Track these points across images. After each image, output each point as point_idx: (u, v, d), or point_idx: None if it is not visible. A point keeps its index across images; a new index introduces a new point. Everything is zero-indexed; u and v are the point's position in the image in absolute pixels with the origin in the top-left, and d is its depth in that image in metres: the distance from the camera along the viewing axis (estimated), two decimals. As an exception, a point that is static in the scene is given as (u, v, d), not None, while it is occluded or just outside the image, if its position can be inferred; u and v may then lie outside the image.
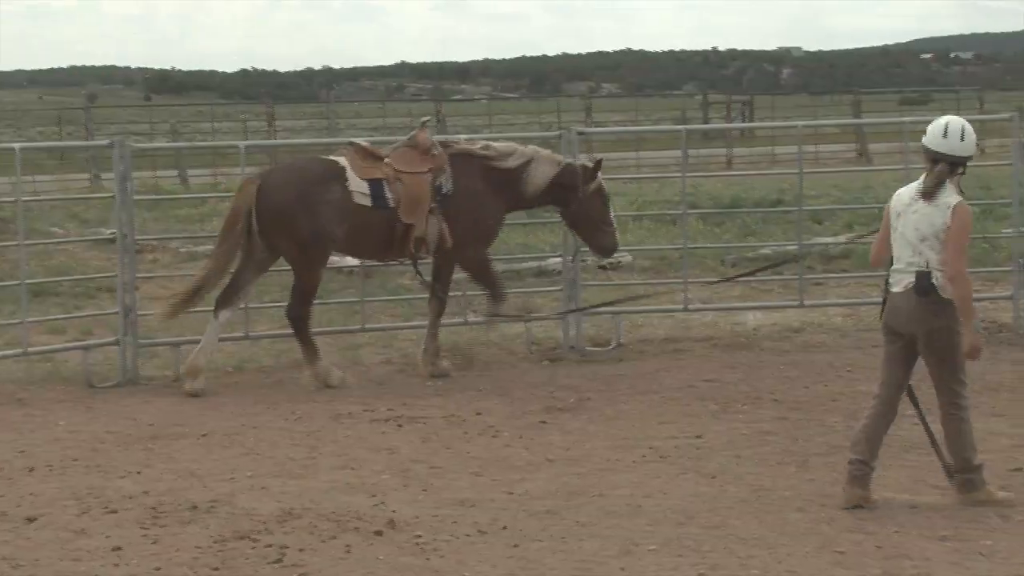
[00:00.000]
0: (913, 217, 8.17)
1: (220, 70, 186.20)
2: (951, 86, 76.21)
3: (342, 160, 12.04)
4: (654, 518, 8.04)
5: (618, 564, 7.29)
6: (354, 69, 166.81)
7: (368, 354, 13.05)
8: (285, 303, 12.15)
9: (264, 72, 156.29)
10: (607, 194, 12.61)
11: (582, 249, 13.10)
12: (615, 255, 13.66)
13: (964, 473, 8.30)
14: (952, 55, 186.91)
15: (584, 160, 12.84)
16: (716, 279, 14.74)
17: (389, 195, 11.92)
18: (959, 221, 8.05)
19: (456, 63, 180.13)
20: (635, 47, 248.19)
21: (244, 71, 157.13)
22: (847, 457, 8.39)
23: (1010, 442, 9.53)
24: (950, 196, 8.11)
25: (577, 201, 12.38)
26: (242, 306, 12.34)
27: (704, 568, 7.20)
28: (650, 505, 8.30)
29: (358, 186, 11.87)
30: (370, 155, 12.09)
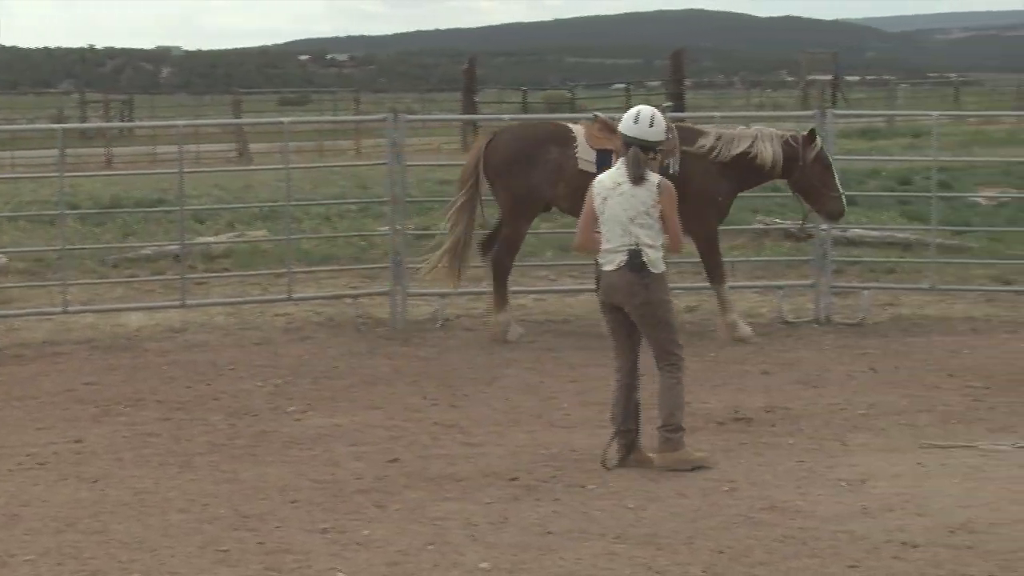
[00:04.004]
0: (620, 199, 8.71)
1: None
2: (328, 87, 78.04)
3: (577, 128, 13.18)
4: (32, 527, 7.77)
5: (-7, 577, 7.01)
6: None
7: None
8: None
9: None
10: (828, 161, 13.14)
11: (810, 222, 13.71)
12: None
13: (668, 431, 8.75)
14: (329, 57, 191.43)
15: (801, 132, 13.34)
16: None
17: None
18: (668, 196, 8.74)
19: None
20: (8, 43, 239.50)
21: None
22: (612, 430, 8.87)
23: (387, 433, 9.83)
24: (652, 176, 8.78)
25: (800, 170, 13.09)
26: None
27: (84, 575, 7.03)
28: (28, 514, 8.02)
29: (585, 153, 12.99)
30: (607, 128, 12.76)
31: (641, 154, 8.78)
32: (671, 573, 6.97)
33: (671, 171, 13.01)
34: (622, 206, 8.72)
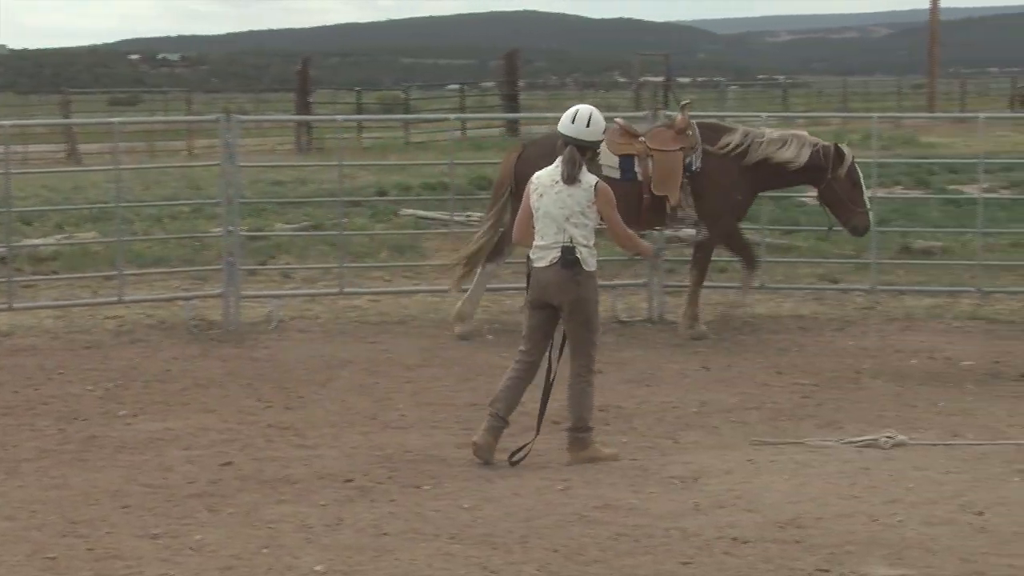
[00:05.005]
0: (556, 197, 8.84)
1: None
2: (160, 87, 77.05)
3: None
4: None
5: None
6: None
7: None
8: None
9: None
10: (857, 177, 13.23)
11: (836, 227, 13.71)
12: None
13: (578, 432, 8.93)
14: (160, 56, 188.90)
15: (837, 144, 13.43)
16: None
17: (638, 169, 13.16)
18: (604, 198, 8.87)
19: None
20: None
21: None
22: (487, 411, 9.04)
23: (221, 437, 9.74)
24: (589, 176, 8.91)
25: (827, 182, 13.24)
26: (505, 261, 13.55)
27: (-93, 587, 6.86)
28: None
29: (608, 160, 12.96)
30: (627, 133, 13.29)
31: (577, 154, 8.88)
32: (506, 572, 7.01)
33: (693, 167, 13.16)
34: (558, 204, 8.84)
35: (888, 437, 9.42)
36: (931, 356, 12.58)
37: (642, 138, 13.38)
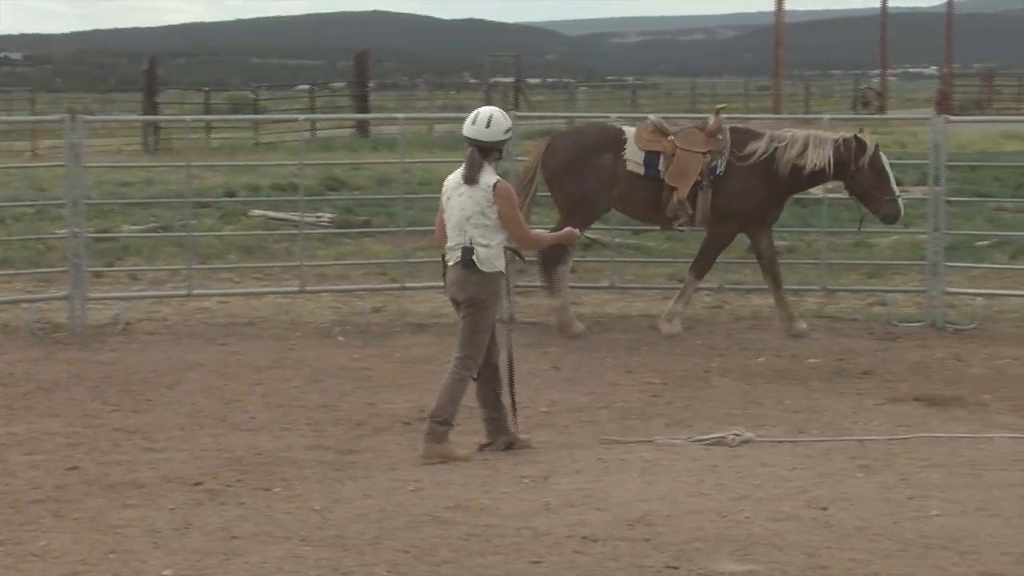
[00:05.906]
0: (459, 199, 9.04)
1: None
2: (2, 86, 75.54)
3: (629, 130, 13.66)
4: None
5: None
6: None
7: None
8: None
9: None
10: (881, 165, 13.17)
11: (867, 220, 13.71)
12: None
13: (436, 423, 9.08)
14: (1, 55, 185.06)
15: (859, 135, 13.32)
16: None
17: (662, 167, 13.32)
18: (503, 199, 9.02)
19: None
20: None
21: None
22: (480, 415, 9.40)
23: (66, 441, 9.59)
24: (490, 177, 9.04)
25: (852, 175, 13.20)
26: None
27: None
28: None
29: (634, 155, 13.40)
30: (658, 131, 13.50)
31: (477, 155, 9.03)
32: (357, 574, 6.98)
33: (718, 171, 13.23)
34: (460, 205, 9.03)
35: (735, 435, 9.55)
36: (778, 354, 12.78)
37: (671, 137, 13.46)
